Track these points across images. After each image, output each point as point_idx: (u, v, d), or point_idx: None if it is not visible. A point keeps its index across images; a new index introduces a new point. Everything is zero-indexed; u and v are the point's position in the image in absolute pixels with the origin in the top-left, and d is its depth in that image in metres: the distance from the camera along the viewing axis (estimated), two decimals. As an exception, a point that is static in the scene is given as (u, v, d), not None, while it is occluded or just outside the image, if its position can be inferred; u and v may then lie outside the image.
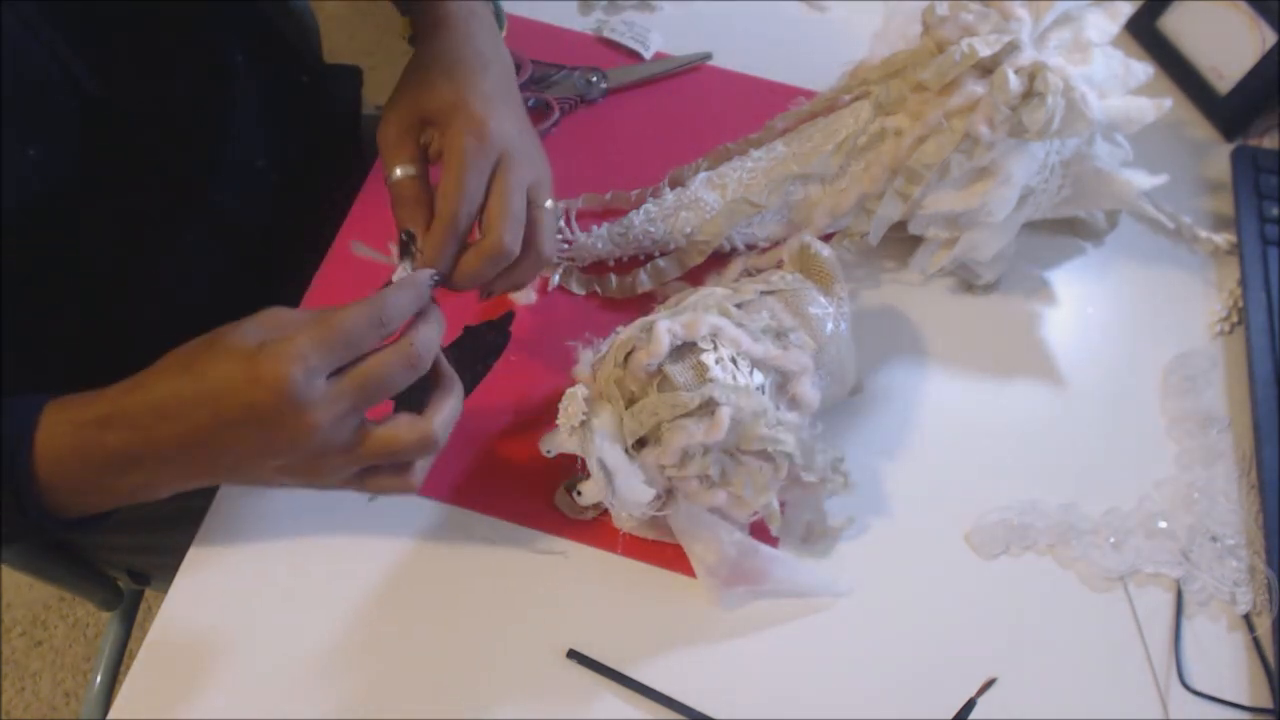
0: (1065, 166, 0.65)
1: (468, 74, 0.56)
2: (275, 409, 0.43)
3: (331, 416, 0.45)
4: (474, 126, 0.53)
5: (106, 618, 1.04)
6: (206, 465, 0.47)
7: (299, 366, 0.43)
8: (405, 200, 0.54)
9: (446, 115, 0.54)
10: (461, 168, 0.52)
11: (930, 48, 0.63)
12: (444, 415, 0.49)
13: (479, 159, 0.53)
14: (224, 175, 0.65)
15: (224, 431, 0.45)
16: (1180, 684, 0.57)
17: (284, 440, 0.45)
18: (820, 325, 0.57)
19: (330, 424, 0.45)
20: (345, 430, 0.46)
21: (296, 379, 0.43)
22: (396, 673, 0.55)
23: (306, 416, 0.44)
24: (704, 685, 0.55)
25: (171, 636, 0.55)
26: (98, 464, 0.47)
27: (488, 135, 0.53)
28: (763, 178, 0.67)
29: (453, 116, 0.54)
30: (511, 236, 0.53)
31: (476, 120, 0.53)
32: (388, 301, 0.47)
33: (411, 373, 0.47)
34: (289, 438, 0.44)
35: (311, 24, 0.84)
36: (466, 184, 0.52)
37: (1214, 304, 0.71)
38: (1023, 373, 0.67)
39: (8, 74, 0.48)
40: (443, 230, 0.52)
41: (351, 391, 0.45)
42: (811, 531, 0.60)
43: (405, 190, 0.54)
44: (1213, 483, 0.63)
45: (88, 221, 0.58)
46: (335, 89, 0.83)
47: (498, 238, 0.52)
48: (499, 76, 0.58)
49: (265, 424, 0.44)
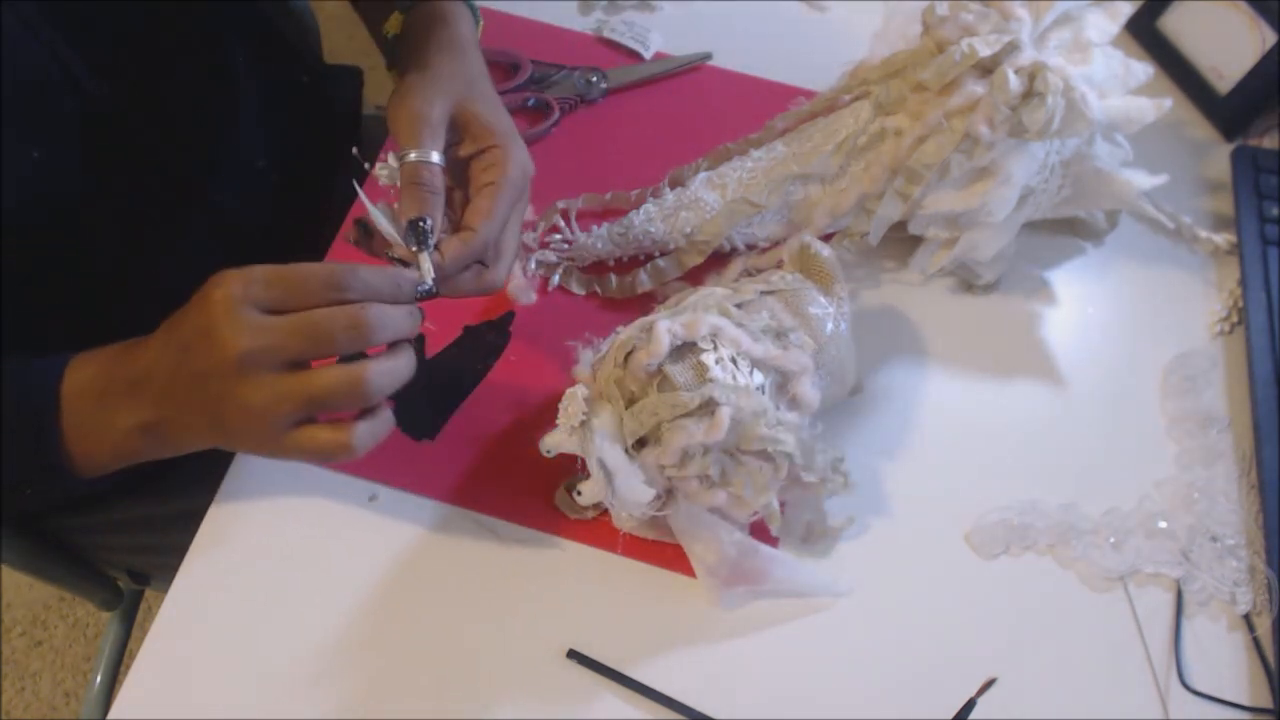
0: (1065, 166, 0.65)
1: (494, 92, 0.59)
2: (207, 319, 0.45)
3: (257, 343, 0.44)
4: (523, 164, 0.55)
5: (106, 618, 1.03)
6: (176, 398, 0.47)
7: (237, 285, 0.45)
8: (432, 188, 0.53)
9: (493, 137, 0.55)
10: (509, 200, 0.54)
11: (930, 48, 0.63)
12: (382, 365, 0.47)
13: (518, 192, 0.55)
14: (224, 175, 0.65)
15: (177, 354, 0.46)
16: (1180, 684, 0.57)
17: (209, 355, 0.44)
18: (820, 325, 0.57)
19: (254, 349, 0.44)
20: (269, 362, 0.45)
21: (232, 294, 0.44)
22: (396, 672, 0.55)
23: (232, 334, 0.44)
24: (704, 685, 0.55)
25: (171, 636, 0.55)
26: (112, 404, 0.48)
27: (528, 175, 0.56)
28: (763, 178, 0.67)
29: (504, 141, 0.55)
30: (506, 274, 0.56)
31: (525, 158, 0.56)
32: (357, 274, 0.46)
33: (354, 336, 0.45)
34: (214, 352, 0.44)
35: (311, 24, 0.84)
36: (508, 216, 0.55)
37: (1214, 304, 0.71)
38: (1023, 373, 0.67)
39: (8, 74, 0.48)
40: (471, 250, 0.53)
41: (283, 327, 0.45)
42: (811, 531, 0.60)
43: (434, 178, 0.53)
44: (1213, 483, 0.63)
45: (88, 221, 0.58)
46: (335, 89, 0.83)
47: (499, 276, 0.56)
48: None
49: (198, 336, 0.45)
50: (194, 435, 0.49)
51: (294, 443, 0.46)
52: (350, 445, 0.46)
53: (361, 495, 0.60)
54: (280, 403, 0.45)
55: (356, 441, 0.47)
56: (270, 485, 0.60)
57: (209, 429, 0.48)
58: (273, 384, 0.45)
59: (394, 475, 0.60)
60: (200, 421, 0.47)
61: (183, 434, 0.49)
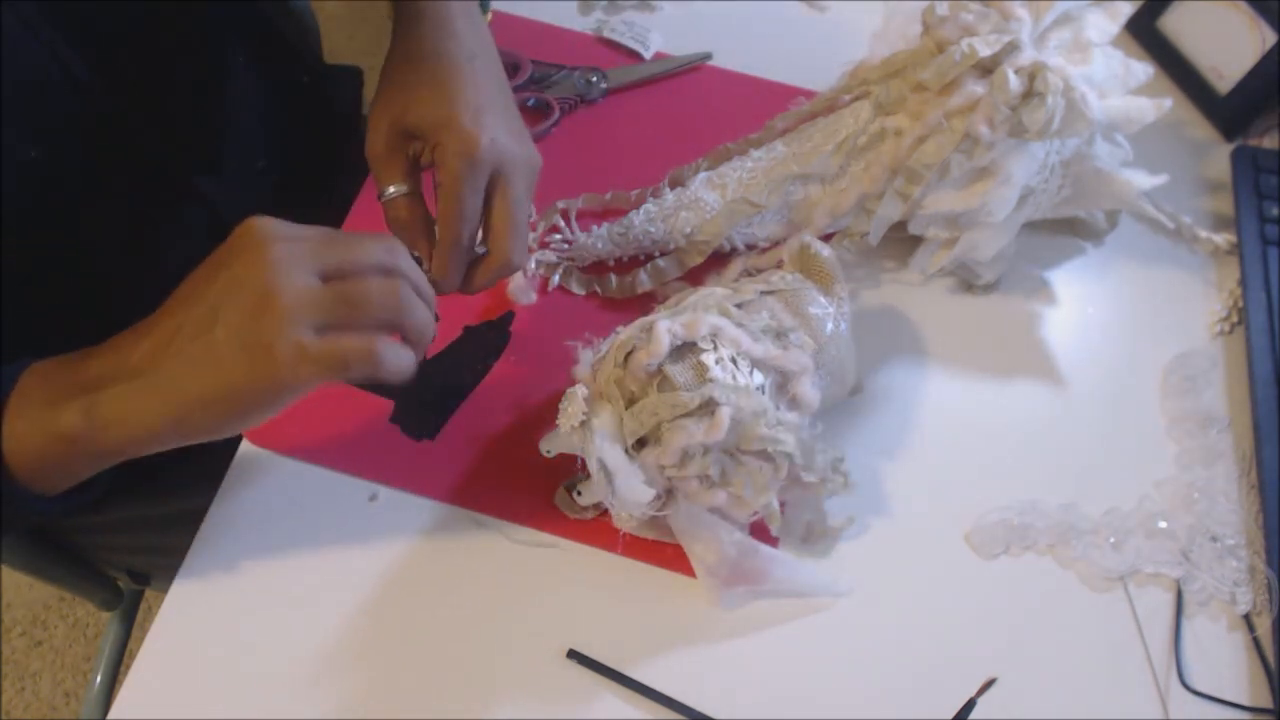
0: (1065, 166, 0.65)
1: (452, 76, 0.55)
2: (237, 238, 0.44)
3: (290, 250, 0.43)
4: (466, 147, 0.52)
5: (106, 618, 1.04)
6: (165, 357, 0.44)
7: (270, 219, 0.45)
8: (401, 222, 0.54)
9: (435, 131, 0.52)
10: (459, 193, 0.52)
11: (930, 48, 0.63)
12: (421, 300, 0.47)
13: (474, 179, 0.52)
14: (224, 175, 0.65)
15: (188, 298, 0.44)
16: (1180, 684, 0.57)
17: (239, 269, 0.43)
18: (820, 325, 0.57)
19: (287, 259, 0.43)
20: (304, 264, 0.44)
21: (265, 219, 0.44)
22: (396, 673, 0.55)
23: (267, 239, 0.43)
24: (704, 685, 0.55)
25: (171, 636, 0.55)
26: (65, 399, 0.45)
27: (480, 154, 0.52)
28: (763, 178, 0.67)
29: (443, 134, 0.52)
30: (518, 252, 0.54)
31: (468, 139, 0.52)
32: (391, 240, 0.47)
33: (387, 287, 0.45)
34: (245, 265, 0.43)
35: (311, 24, 0.84)
36: (464, 208, 0.52)
37: (1214, 304, 0.71)
38: (1023, 373, 0.67)
39: (8, 74, 0.48)
40: (448, 254, 0.53)
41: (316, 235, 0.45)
42: (811, 531, 0.60)
43: (400, 211, 0.54)
44: (1213, 483, 0.63)
45: (88, 221, 0.58)
46: (335, 89, 0.83)
47: (506, 255, 0.54)
48: (484, 72, 0.56)
49: (226, 258, 0.44)
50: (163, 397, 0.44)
51: (312, 344, 0.43)
52: (376, 351, 0.44)
53: (361, 495, 0.60)
54: (310, 296, 0.43)
55: (382, 348, 0.44)
56: (270, 485, 0.60)
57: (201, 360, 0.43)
58: (306, 281, 0.43)
59: (394, 475, 0.60)
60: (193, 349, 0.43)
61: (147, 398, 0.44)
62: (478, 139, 0.52)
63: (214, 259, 0.45)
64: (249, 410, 0.44)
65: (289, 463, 0.60)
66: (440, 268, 0.53)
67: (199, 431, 0.45)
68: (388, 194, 0.54)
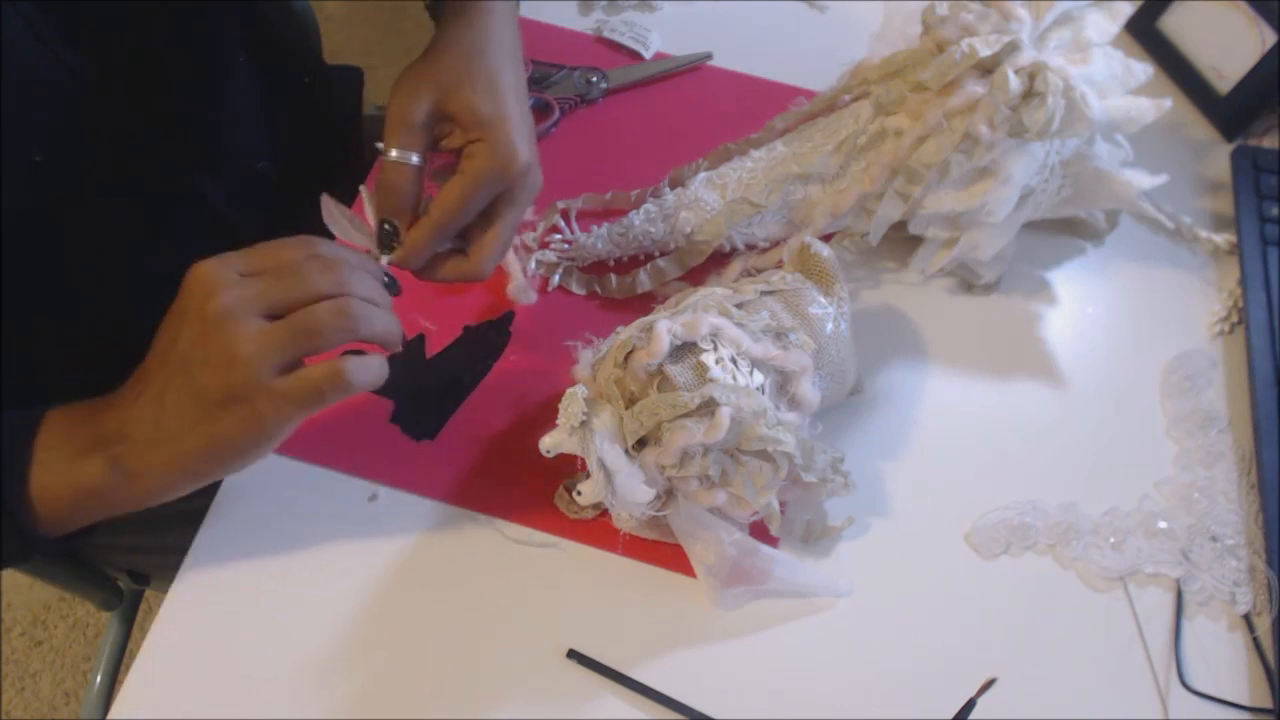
0: (1065, 166, 0.65)
1: (506, 87, 0.56)
2: (187, 290, 0.46)
3: (234, 294, 0.45)
4: (503, 159, 0.53)
5: (106, 618, 1.03)
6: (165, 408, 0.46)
7: (214, 261, 0.46)
8: (394, 187, 0.54)
9: (478, 129, 0.54)
10: (472, 193, 0.53)
11: (930, 48, 0.64)
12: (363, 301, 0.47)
13: (493, 187, 0.54)
14: (224, 175, 0.65)
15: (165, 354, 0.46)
16: (1180, 684, 0.57)
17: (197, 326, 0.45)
18: (820, 325, 0.57)
19: (233, 298, 0.45)
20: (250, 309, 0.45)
21: (209, 264, 0.46)
22: (396, 673, 0.55)
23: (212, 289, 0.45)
24: (704, 685, 0.55)
25: (171, 636, 0.55)
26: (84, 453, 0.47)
27: (512, 169, 0.54)
28: (763, 178, 0.67)
29: (487, 134, 0.54)
30: (491, 265, 0.56)
31: (509, 152, 0.53)
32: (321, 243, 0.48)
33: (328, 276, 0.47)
34: (200, 321, 0.45)
35: (311, 24, 0.84)
36: (470, 206, 0.54)
37: (1214, 304, 0.71)
38: (1023, 373, 0.67)
39: (8, 74, 0.48)
40: (429, 236, 0.54)
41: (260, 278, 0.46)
42: (811, 531, 0.60)
43: (400, 178, 0.54)
44: (1213, 483, 0.63)
45: (88, 221, 0.58)
46: (335, 90, 0.83)
47: (480, 266, 0.55)
48: (518, 81, 0.58)
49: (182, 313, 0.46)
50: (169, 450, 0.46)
51: (284, 386, 0.45)
52: (343, 372, 0.45)
53: (361, 495, 0.60)
54: (266, 340, 0.45)
55: (348, 367, 0.46)
56: (271, 486, 0.60)
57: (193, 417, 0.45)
58: (258, 326, 0.45)
59: (394, 475, 0.60)
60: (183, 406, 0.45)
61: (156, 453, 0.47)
62: (518, 157, 0.54)
63: (173, 313, 0.47)
64: (249, 453, 0.47)
65: (289, 463, 0.60)
66: (415, 245, 0.54)
67: (212, 476, 0.49)
68: (394, 157, 0.54)
